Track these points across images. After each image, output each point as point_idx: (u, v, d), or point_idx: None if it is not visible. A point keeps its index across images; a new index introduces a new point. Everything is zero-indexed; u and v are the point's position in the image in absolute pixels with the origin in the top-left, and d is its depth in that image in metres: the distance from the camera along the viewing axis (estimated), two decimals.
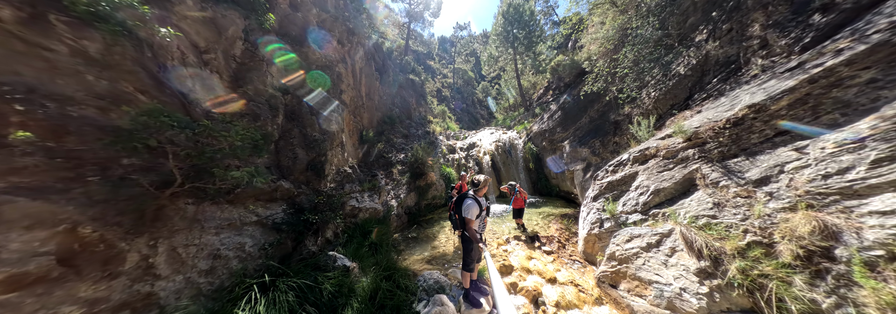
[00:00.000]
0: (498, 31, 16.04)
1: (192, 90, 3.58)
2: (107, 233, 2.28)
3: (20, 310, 1.84)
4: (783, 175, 2.42)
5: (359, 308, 2.79)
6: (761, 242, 2.33)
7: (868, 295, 1.73)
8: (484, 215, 2.67)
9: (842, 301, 1.85)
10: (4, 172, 1.91)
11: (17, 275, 1.85)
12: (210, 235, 3.15)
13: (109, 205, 2.34)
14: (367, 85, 12.53)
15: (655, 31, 5.23)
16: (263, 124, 4.50)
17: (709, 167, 3.09)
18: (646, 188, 3.82)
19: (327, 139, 6.16)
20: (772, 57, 3.30)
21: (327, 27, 9.18)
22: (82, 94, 2.32)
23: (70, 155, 2.20)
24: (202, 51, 4.00)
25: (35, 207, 1.97)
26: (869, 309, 1.72)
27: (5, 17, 1.99)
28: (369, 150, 9.64)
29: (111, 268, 2.30)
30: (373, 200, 6.53)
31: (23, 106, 2.01)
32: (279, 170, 4.91)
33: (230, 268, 3.12)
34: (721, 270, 2.47)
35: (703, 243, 2.63)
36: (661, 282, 2.96)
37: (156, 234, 2.64)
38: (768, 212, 2.38)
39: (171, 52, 3.30)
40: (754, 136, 2.77)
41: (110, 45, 2.47)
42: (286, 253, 3.92)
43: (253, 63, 4.93)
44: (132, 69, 2.70)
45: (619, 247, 3.64)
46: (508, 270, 4.25)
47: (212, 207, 3.32)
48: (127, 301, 2.34)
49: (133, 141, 2.26)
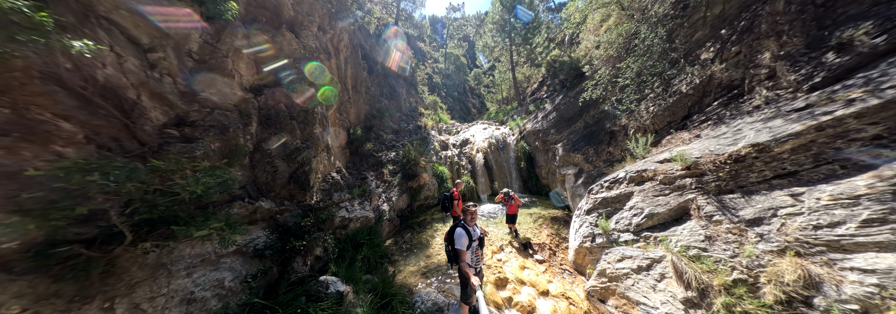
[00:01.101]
0: (494, 19, 15.16)
1: (138, 103, 2.85)
2: (43, 309, 1.88)
3: None
4: (776, 219, 2.56)
5: None
6: (747, 281, 2.52)
7: None
8: (476, 247, 2.65)
9: None
10: None
11: None
12: (181, 279, 2.74)
13: (38, 275, 1.91)
14: (354, 76, 11.57)
15: (662, 43, 5.10)
16: (233, 135, 3.80)
17: (704, 199, 3.21)
18: (640, 210, 3.97)
19: (310, 146, 5.34)
20: (777, 90, 3.32)
21: (304, 11, 8.03)
22: None
23: None
24: (147, 49, 3.14)
25: None
26: None
27: None
28: (358, 150, 9.21)
29: None
30: (364, 208, 6.32)
31: None
32: (256, 188, 4.26)
33: (209, 310, 2.78)
34: (706, 302, 2.68)
35: (693, 275, 2.81)
36: (648, 304, 3.18)
37: (111, 294, 2.22)
38: (757, 253, 2.54)
39: (101, 58, 2.52)
40: (753, 175, 2.87)
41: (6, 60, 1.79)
42: (272, 280, 3.58)
43: (215, 60, 4.09)
44: (46, 90, 2.05)
45: (610, 266, 3.85)
46: (503, 283, 4.42)
47: (180, 245, 2.82)
48: None
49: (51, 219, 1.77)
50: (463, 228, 2.58)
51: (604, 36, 6.82)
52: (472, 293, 2.84)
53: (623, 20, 6.40)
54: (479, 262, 2.75)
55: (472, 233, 2.61)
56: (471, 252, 2.61)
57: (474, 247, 2.66)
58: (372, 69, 14.12)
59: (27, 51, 1.88)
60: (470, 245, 2.57)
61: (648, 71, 5.32)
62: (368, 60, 13.98)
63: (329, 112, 7.83)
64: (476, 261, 2.71)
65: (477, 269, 2.76)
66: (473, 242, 2.61)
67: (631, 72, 5.58)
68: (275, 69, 5.34)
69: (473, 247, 2.63)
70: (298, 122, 5.32)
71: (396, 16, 22.48)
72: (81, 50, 2.05)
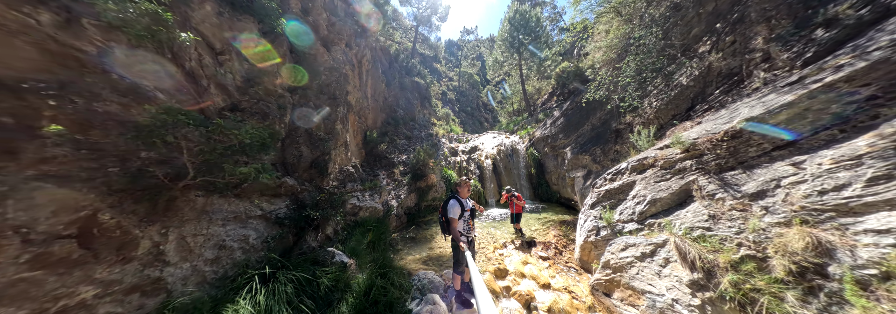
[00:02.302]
0: (504, 37, 16.17)
1: (207, 89, 3.74)
2: (123, 220, 2.43)
3: (43, 287, 1.94)
4: (779, 190, 2.42)
5: (353, 303, 2.86)
6: (755, 256, 2.32)
7: (859, 313, 1.72)
8: (467, 216, 2.73)
9: None
10: (36, 161, 2.03)
11: (43, 255, 1.98)
12: (217, 227, 3.29)
13: (127, 194, 2.50)
14: (373, 87, 12.71)
15: (658, 41, 5.26)
16: (272, 123, 4.67)
17: (706, 179, 3.08)
18: (643, 197, 3.81)
19: (331, 138, 6.29)
20: (774, 70, 3.30)
21: (336, 30, 9.37)
22: (107, 92, 2.49)
23: (94, 147, 2.36)
24: (218, 52, 4.20)
25: (61, 194, 2.12)
26: None
27: (43, 21, 2.15)
28: (373, 150, 9.73)
29: (125, 253, 2.43)
30: (373, 199, 6.58)
31: (54, 101, 2.15)
32: (284, 168, 5.07)
33: (234, 259, 3.23)
34: (713, 283, 2.45)
35: (697, 255, 2.62)
36: (653, 292, 2.93)
37: (167, 223, 2.78)
38: (763, 226, 2.37)
39: (188, 54, 3.51)
40: (752, 149, 2.77)
41: (133, 48, 2.68)
42: (287, 247, 4.03)
43: (263, 65, 5.13)
44: (153, 69, 2.90)
45: (613, 256, 3.62)
46: (503, 274, 4.25)
47: (220, 200, 3.47)
48: (138, 284, 2.45)
49: (152, 136, 2.40)
50: (456, 199, 2.69)
51: (604, 41, 7.10)
52: (463, 260, 2.85)
53: (621, 26, 6.69)
54: (471, 231, 2.81)
55: (464, 204, 2.71)
56: (462, 221, 2.69)
57: (466, 217, 2.74)
58: (390, 83, 15.33)
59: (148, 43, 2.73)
60: (462, 214, 2.67)
61: (648, 67, 5.42)
62: (387, 76, 15.27)
63: (349, 114, 8.58)
64: (467, 230, 2.78)
65: (469, 238, 2.80)
66: (465, 212, 2.70)
67: (630, 70, 5.70)
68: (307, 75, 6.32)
69: (465, 216, 2.71)
70: (323, 118, 6.29)
71: (414, 39, 24.67)
72: (185, 40, 3.03)
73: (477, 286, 1.10)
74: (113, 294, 2.28)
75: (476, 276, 1.25)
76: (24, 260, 1.89)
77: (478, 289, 1.03)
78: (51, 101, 2.12)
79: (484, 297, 0.96)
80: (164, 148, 2.58)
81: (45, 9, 2.16)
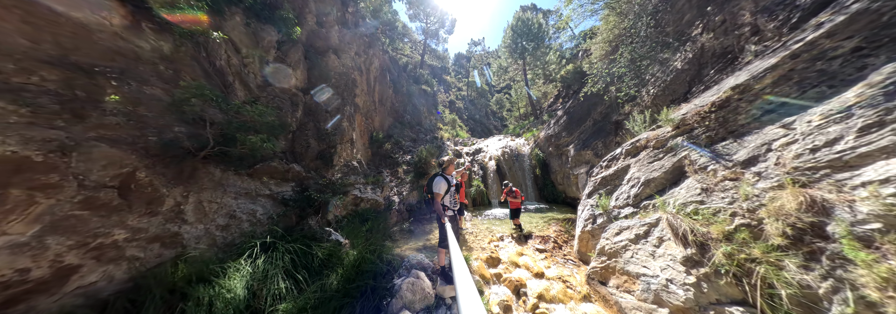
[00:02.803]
0: (507, 44, 16.62)
1: (232, 84, 4.27)
2: (155, 179, 2.85)
3: (87, 225, 2.34)
4: (771, 153, 2.25)
5: (342, 273, 2.98)
6: (749, 225, 2.12)
7: (865, 274, 1.51)
8: (453, 191, 2.80)
9: (838, 284, 1.61)
10: (97, 126, 2.54)
11: (91, 199, 2.38)
12: (230, 198, 3.66)
13: (159, 159, 2.96)
14: (380, 92, 13.33)
15: (649, 29, 5.23)
16: (284, 115, 5.27)
17: (697, 153, 2.91)
18: (637, 180, 3.62)
19: (337, 133, 6.69)
20: (764, 42, 3.19)
21: (346, 40, 10.16)
22: (154, 79, 3.11)
23: (140, 119, 2.89)
24: (243, 55, 4.92)
25: (111, 152, 2.56)
26: (867, 289, 1.49)
27: (115, 23, 2.82)
28: (378, 150, 10.01)
29: (153, 208, 2.83)
30: (375, 193, 6.72)
31: (116, 83, 2.74)
32: (293, 156, 5.57)
33: (241, 229, 3.55)
34: (707, 257, 2.25)
35: (688, 229, 2.43)
36: (648, 274, 2.71)
37: (188, 188, 3.20)
38: (756, 192, 2.19)
39: (219, 54, 4.20)
40: (741, 117, 2.62)
41: (178, 46, 3.37)
42: (290, 225, 4.28)
43: (281, 67, 5.87)
44: (190, 63, 3.59)
45: (608, 241, 3.41)
46: (495, 262, 4.08)
47: (234, 177, 3.89)
48: (159, 235, 2.82)
49: (183, 105, 2.97)
50: (442, 176, 2.75)
51: (599, 36, 7.15)
52: (446, 235, 2.82)
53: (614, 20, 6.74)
54: (457, 203, 2.89)
55: (450, 180, 2.77)
56: (449, 195, 2.78)
57: (452, 192, 2.84)
58: (398, 90, 15.99)
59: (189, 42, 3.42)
60: (448, 190, 2.73)
61: (642, 56, 5.36)
62: (396, 84, 15.98)
63: (356, 114, 9.05)
64: (453, 203, 2.86)
65: (454, 211, 2.86)
66: (451, 187, 2.77)
67: (624, 60, 5.65)
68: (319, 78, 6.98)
69: (451, 191, 2.82)
70: (331, 115, 6.86)
71: (422, 51, 25.88)
72: (216, 37, 3.77)
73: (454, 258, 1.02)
74: (139, 240, 2.64)
75: (454, 248, 1.18)
76: (77, 200, 2.28)
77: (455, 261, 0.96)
78: (113, 81, 2.69)
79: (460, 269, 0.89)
80: (191, 124, 3.13)
81: (117, 13, 2.81)
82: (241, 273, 2.62)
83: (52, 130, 2.17)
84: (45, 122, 2.16)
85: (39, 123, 2.12)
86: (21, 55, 2.09)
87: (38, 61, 2.18)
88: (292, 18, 6.27)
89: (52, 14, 2.28)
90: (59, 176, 2.16)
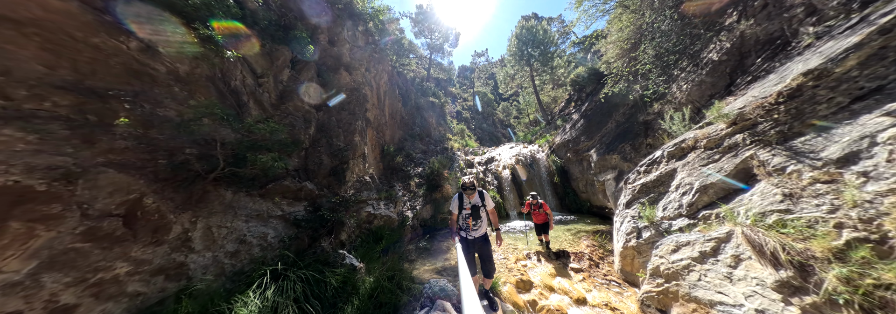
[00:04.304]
0: (513, 51, 16.67)
1: (246, 104, 4.33)
2: (162, 205, 2.70)
3: (87, 259, 2.14)
4: (877, 147, 1.81)
5: (358, 305, 2.69)
6: (867, 239, 1.65)
7: None
8: (466, 214, 2.61)
9: None
10: (106, 150, 2.44)
11: (94, 229, 2.20)
12: (240, 222, 3.48)
13: (169, 183, 2.88)
14: (390, 106, 13.51)
15: (674, 22, 4.92)
16: (297, 133, 5.25)
17: (767, 151, 2.47)
18: (689, 186, 3.16)
19: (350, 148, 6.62)
20: (825, 22, 2.80)
21: (357, 58, 10.48)
22: (168, 100, 3.06)
23: (150, 142, 2.82)
24: (258, 75, 5.03)
25: (118, 178, 2.44)
26: None
27: (132, 47, 2.82)
28: (390, 163, 9.89)
29: (158, 236, 2.64)
30: (389, 209, 6.45)
31: (129, 105, 2.70)
32: (306, 173, 5.44)
33: (251, 255, 3.34)
34: (813, 282, 1.77)
35: (778, 246, 1.96)
36: (727, 302, 2.21)
37: (197, 213, 3.04)
38: (867, 197, 1.73)
39: (234, 75, 4.22)
40: (822, 106, 2.20)
41: (193, 69, 3.37)
42: (302, 248, 4.04)
43: (295, 85, 6.00)
44: (206, 84, 3.58)
45: (663, 260, 2.91)
46: (527, 286, 3.61)
47: (245, 198, 3.75)
48: (164, 266, 2.61)
49: (191, 125, 2.88)
50: (459, 195, 2.69)
51: (615, 35, 6.88)
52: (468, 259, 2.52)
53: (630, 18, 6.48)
54: (470, 230, 2.61)
55: (464, 202, 2.64)
56: (461, 218, 2.64)
57: (465, 215, 2.63)
58: (406, 103, 16.21)
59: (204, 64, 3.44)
60: (460, 211, 2.63)
61: (669, 50, 5.01)
62: (404, 98, 16.25)
63: (368, 128, 9.08)
64: (466, 227, 2.63)
65: (466, 236, 2.61)
66: (464, 210, 2.62)
67: (648, 57, 5.31)
68: (331, 95, 7.07)
69: (464, 214, 2.63)
70: (343, 131, 6.85)
71: (428, 66, 26.56)
72: (230, 56, 3.77)
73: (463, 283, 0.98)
74: (142, 273, 2.42)
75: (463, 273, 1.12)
76: (79, 231, 2.11)
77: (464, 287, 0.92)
78: (126, 104, 2.66)
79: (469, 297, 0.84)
80: (202, 141, 3.04)
81: (134, 38, 2.83)
82: (248, 308, 2.34)
83: (59, 157, 2.08)
84: (53, 148, 2.08)
85: (46, 150, 2.04)
86: (35, 81, 2.07)
87: (52, 87, 2.16)
88: (306, 38, 6.48)
89: (72, 40, 2.30)
90: (62, 206, 2.03)
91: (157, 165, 2.77)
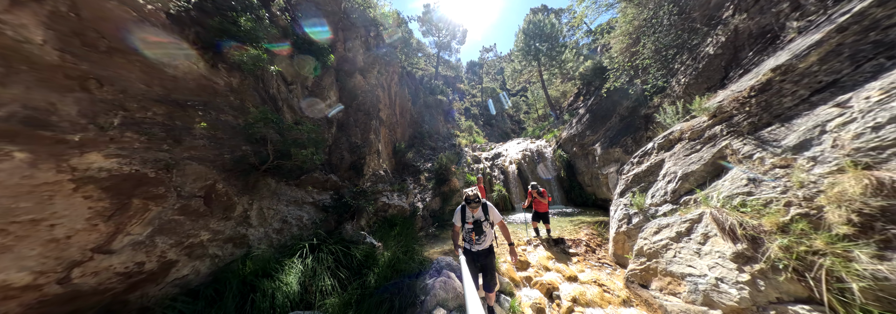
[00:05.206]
0: (520, 47, 16.64)
1: (281, 108, 5.19)
2: (229, 189, 3.44)
3: (183, 227, 2.87)
4: (826, 135, 2.04)
5: (379, 272, 3.28)
6: (807, 214, 1.92)
7: None
8: (469, 229, 2.45)
9: None
10: (188, 148, 3.19)
11: (185, 206, 2.93)
12: (282, 206, 4.24)
13: (232, 173, 3.56)
14: (401, 105, 14.05)
15: (673, 17, 5.02)
16: (322, 132, 6.08)
17: (740, 141, 2.70)
18: (674, 174, 3.41)
19: (366, 145, 7.30)
20: (807, 17, 2.95)
21: (370, 62, 11.04)
22: (227, 108, 3.82)
23: (217, 141, 3.54)
24: (289, 83, 5.86)
25: (199, 168, 3.14)
26: None
27: (201, 67, 3.56)
28: (401, 159, 10.45)
29: (227, 213, 3.38)
30: (401, 200, 7.03)
31: (201, 113, 3.43)
32: (331, 167, 6.33)
33: (292, 232, 4.11)
34: (761, 252, 2.05)
35: (736, 222, 2.25)
36: (694, 274, 2.51)
37: (253, 197, 3.80)
38: (813, 179, 1.99)
39: (272, 84, 5.07)
40: (786, 99, 2.42)
41: (242, 80, 4.15)
42: (329, 229, 4.82)
43: (318, 90, 6.85)
44: (251, 93, 4.37)
45: (646, 241, 3.21)
46: (524, 265, 4.01)
47: (285, 187, 4.54)
48: (232, 236, 3.35)
49: (251, 128, 3.68)
50: (462, 208, 2.53)
51: (618, 29, 6.95)
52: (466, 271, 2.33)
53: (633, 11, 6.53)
54: (473, 244, 2.47)
55: (467, 216, 2.47)
56: (463, 232, 2.51)
57: (468, 229, 2.46)
58: (415, 102, 16.67)
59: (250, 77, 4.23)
60: (463, 224, 2.48)
61: (668, 45, 5.12)
62: (413, 96, 16.71)
63: (381, 127, 9.68)
64: (469, 243, 2.50)
65: (470, 249, 2.49)
66: (466, 224, 2.46)
67: (648, 51, 5.43)
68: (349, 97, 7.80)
69: (467, 228, 2.46)
70: (360, 130, 7.76)
71: (436, 63, 26.79)
72: (273, 71, 4.65)
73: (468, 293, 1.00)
74: (218, 241, 3.16)
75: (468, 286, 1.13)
76: (176, 207, 2.84)
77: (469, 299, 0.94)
78: (200, 112, 3.38)
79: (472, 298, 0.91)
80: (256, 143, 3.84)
81: (202, 59, 3.57)
82: (294, 270, 2.99)
83: (160, 152, 2.73)
84: (156, 146, 2.72)
85: (152, 147, 2.68)
86: (141, 96, 2.74)
87: (151, 100, 2.82)
88: (327, 48, 7.16)
89: (160, 64, 2.97)
90: (164, 188, 2.68)
91: (224, 159, 3.46)
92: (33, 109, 2.03)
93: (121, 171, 2.39)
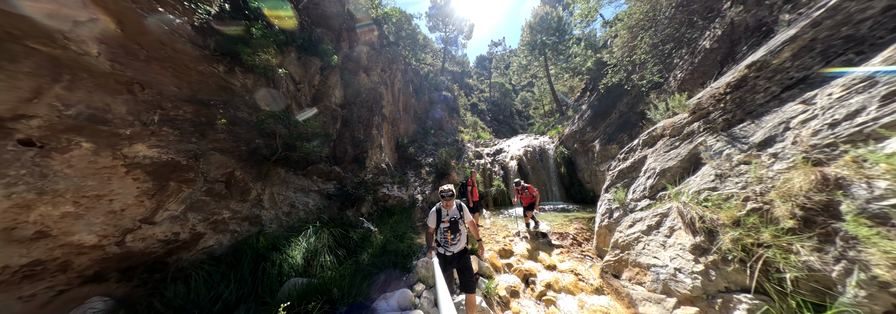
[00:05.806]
0: (526, 41, 16.32)
1: (291, 105, 5.75)
2: (245, 176, 3.97)
3: (209, 206, 3.46)
4: (788, 132, 2.06)
5: (372, 252, 3.78)
6: (760, 209, 1.97)
7: (874, 252, 1.38)
8: (444, 228, 2.36)
9: (851, 265, 1.47)
10: (212, 141, 3.76)
11: (210, 189, 3.48)
12: (291, 192, 4.78)
13: (248, 162, 4.11)
14: (404, 102, 14.22)
15: (672, 9, 4.88)
16: (327, 127, 6.57)
17: (713, 137, 2.71)
18: (653, 170, 3.44)
19: (368, 140, 7.62)
20: (798, 9, 2.88)
21: (373, 60, 11.21)
22: (243, 106, 4.36)
23: (235, 135, 4.11)
24: (297, 82, 6.38)
25: (221, 158, 3.68)
26: (878, 269, 1.35)
27: (220, 70, 4.08)
28: (404, 154, 10.71)
29: (244, 197, 3.94)
30: (401, 191, 7.31)
31: (222, 110, 3.99)
32: (335, 159, 6.87)
33: (298, 216, 4.66)
34: (716, 244, 2.12)
35: (696, 215, 2.31)
36: (658, 265, 2.60)
37: (265, 183, 4.34)
38: (771, 175, 2.02)
39: (281, 84, 5.58)
40: (759, 96, 2.42)
41: (256, 81, 4.68)
42: (332, 215, 5.34)
43: (324, 89, 7.32)
44: (264, 93, 4.85)
45: (621, 234, 3.30)
46: (508, 254, 4.17)
47: (293, 176, 5.09)
48: (248, 216, 3.89)
49: (262, 125, 4.21)
50: (436, 209, 2.42)
51: (619, 24, 6.77)
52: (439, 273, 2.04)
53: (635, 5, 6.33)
54: (448, 246, 2.35)
55: (443, 215, 2.38)
56: (439, 232, 2.40)
57: (443, 229, 2.36)
58: (419, 98, 16.78)
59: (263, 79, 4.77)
60: (438, 225, 2.38)
61: (664, 39, 5.00)
62: (418, 93, 16.81)
63: (383, 123, 9.93)
64: (444, 243, 2.37)
65: (444, 252, 2.36)
66: (442, 224, 2.37)
67: (645, 45, 5.31)
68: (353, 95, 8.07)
69: (443, 227, 2.37)
70: (363, 125, 8.15)
71: (443, 59, 26.61)
72: (281, 73, 5.18)
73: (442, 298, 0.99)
74: (236, 219, 3.71)
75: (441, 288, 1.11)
76: (203, 190, 3.40)
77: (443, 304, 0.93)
78: (220, 110, 3.95)
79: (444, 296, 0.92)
80: (267, 137, 4.41)
81: (220, 63, 4.09)
82: (299, 247, 3.47)
83: (190, 144, 3.28)
84: (187, 139, 3.27)
85: (184, 140, 3.23)
86: (173, 96, 3.26)
87: (181, 100, 3.32)
88: (331, 49, 7.52)
89: (187, 68, 3.48)
90: (194, 174, 3.24)
91: (240, 150, 3.98)
92: (94, 109, 2.54)
93: (160, 159, 2.95)
